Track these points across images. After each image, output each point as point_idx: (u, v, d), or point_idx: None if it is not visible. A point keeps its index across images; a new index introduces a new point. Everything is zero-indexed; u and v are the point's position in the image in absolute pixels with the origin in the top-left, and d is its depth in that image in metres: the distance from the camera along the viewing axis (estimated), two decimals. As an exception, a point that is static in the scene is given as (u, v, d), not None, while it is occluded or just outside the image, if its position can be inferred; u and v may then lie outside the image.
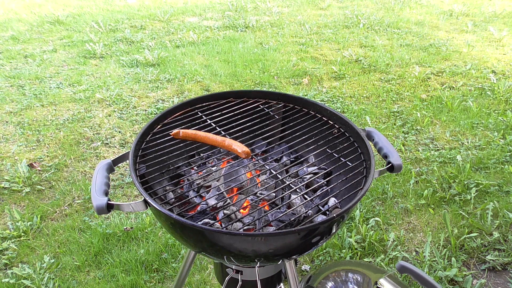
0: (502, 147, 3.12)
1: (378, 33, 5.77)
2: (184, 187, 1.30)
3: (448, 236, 2.35)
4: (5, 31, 5.91)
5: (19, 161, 3.01)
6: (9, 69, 4.63)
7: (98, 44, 5.26)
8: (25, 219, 2.49)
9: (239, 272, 1.30)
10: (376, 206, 2.62)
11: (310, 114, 1.42)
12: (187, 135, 1.26)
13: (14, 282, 2.10)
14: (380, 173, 1.17)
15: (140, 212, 2.57)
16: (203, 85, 4.24)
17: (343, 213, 0.98)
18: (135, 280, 2.12)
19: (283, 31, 5.93)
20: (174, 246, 2.31)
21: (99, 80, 4.35)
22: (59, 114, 3.70)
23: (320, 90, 4.13)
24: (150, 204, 0.98)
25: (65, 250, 2.31)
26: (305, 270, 2.19)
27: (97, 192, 1.01)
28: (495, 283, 2.11)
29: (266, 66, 4.66)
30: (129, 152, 1.17)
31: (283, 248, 1.00)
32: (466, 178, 2.77)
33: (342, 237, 2.33)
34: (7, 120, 3.58)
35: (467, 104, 3.76)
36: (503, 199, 2.60)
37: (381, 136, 1.25)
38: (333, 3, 7.37)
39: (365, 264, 1.65)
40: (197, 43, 5.47)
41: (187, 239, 1.05)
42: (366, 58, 4.85)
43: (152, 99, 3.96)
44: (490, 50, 5.08)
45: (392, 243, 2.32)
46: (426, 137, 3.33)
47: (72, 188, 2.78)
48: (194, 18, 6.67)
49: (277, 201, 1.23)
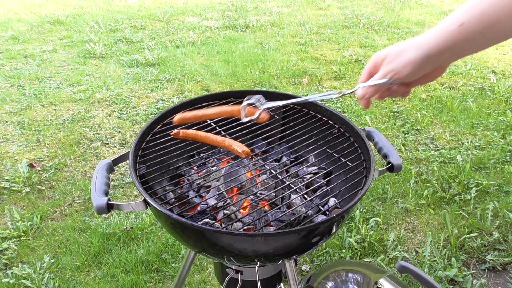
0: (502, 147, 3.12)
1: (378, 33, 5.77)
2: (184, 187, 1.30)
3: (448, 236, 2.35)
4: (5, 31, 5.91)
5: (19, 161, 3.01)
6: (9, 69, 4.63)
7: (98, 44, 5.26)
8: (25, 219, 2.49)
9: (239, 272, 1.30)
10: (376, 206, 2.62)
11: (310, 114, 1.42)
12: (187, 135, 1.26)
13: (14, 282, 2.10)
14: (380, 173, 1.17)
15: (140, 212, 2.57)
16: (203, 85, 4.24)
17: (343, 213, 0.98)
18: (135, 280, 2.12)
19: (283, 31, 5.93)
20: (174, 246, 2.31)
21: (99, 80, 4.35)
22: (59, 114, 3.70)
23: (320, 90, 4.13)
24: (150, 204, 0.98)
25: (65, 250, 2.31)
26: (305, 270, 2.19)
27: (97, 192, 1.01)
28: (495, 283, 2.11)
29: (266, 66, 4.66)
30: (129, 152, 1.17)
31: (283, 248, 1.00)
32: (466, 178, 2.77)
33: (342, 237, 2.33)
34: (7, 120, 3.58)
35: (467, 104, 3.76)
36: (503, 199, 2.60)
37: (381, 136, 1.25)
38: (333, 3, 7.37)
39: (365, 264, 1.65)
40: (197, 43, 5.47)
41: (187, 239, 1.05)
42: (366, 58, 4.85)
43: (152, 99, 3.96)
44: (490, 50, 5.08)
45: (392, 243, 2.32)
46: (426, 137, 3.33)
47: (72, 188, 2.78)
48: (194, 18, 6.67)
49: (277, 201, 1.23)
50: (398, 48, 0.75)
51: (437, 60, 0.72)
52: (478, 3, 0.65)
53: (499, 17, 0.63)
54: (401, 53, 0.74)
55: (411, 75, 0.75)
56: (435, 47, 0.70)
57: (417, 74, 0.75)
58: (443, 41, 0.69)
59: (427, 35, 0.72)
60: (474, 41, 0.67)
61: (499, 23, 0.64)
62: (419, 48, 0.72)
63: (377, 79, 0.79)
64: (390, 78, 0.76)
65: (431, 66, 0.74)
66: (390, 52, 0.77)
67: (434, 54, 0.71)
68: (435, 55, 0.71)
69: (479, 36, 0.66)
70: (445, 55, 0.71)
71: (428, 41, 0.71)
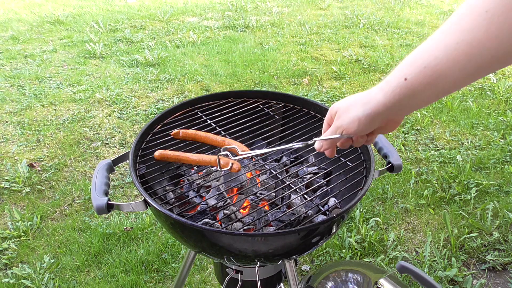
0: (502, 147, 3.12)
1: (378, 33, 5.77)
2: (184, 187, 1.30)
3: (448, 236, 2.35)
4: (5, 31, 5.91)
5: (19, 161, 3.01)
6: (9, 69, 4.63)
7: (98, 44, 5.26)
8: (25, 219, 2.49)
9: (239, 272, 1.30)
10: (376, 206, 2.62)
11: (310, 114, 1.42)
12: (187, 135, 1.26)
13: (14, 282, 2.10)
14: (380, 173, 1.17)
15: (140, 212, 2.57)
16: (203, 85, 4.24)
17: (343, 213, 0.99)
18: (135, 280, 2.12)
19: (283, 31, 5.93)
20: (174, 246, 2.31)
21: (99, 80, 4.35)
22: (59, 114, 3.70)
23: (320, 90, 4.13)
24: (150, 204, 0.98)
25: (65, 250, 2.31)
26: (305, 270, 2.19)
27: (97, 192, 1.01)
28: (495, 283, 2.11)
29: (266, 66, 4.66)
30: (129, 152, 1.17)
31: (283, 248, 1.00)
32: (466, 178, 2.77)
33: (342, 237, 2.33)
34: (7, 120, 3.58)
35: (467, 104, 3.76)
36: (503, 199, 2.60)
37: (381, 136, 1.25)
38: (333, 3, 7.37)
39: (365, 264, 1.65)
40: (197, 43, 5.47)
41: (187, 239, 1.05)
42: (366, 58, 4.85)
43: (152, 99, 3.96)
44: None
45: (392, 243, 2.32)
46: (426, 137, 3.33)
47: (72, 188, 2.78)
48: (194, 18, 6.67)
49: (277, 201, 1.23)
50: (347, 103, 0.74)
51: (384, 115, 0.69)
52: (421, 54, 0.61)
53: (442, 71, 0.59)
54: (349, 109, 0.73)
55: (359, 131, 0.73)
56: (380, 103, 0.67)
57: (365, 130, 0.73)
58: (389, 97, 0.66)
59: (375, 89, 0.69)
60: (420, 95, 0.63)
61: (442, 76, 0.59)
62: (366, 104, 0.70)
63: (328, 134, 0.80)
64: (340, 133, 0.76)
65: (379, 122, 0.72)
66: (340, 107, 0.75)
67: (380, 110, 0.68)
68: (382, 111, 0.68)
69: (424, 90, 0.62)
70: (392, 110, 0.68)
71: (375, 96, 0.68)
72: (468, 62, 0.56)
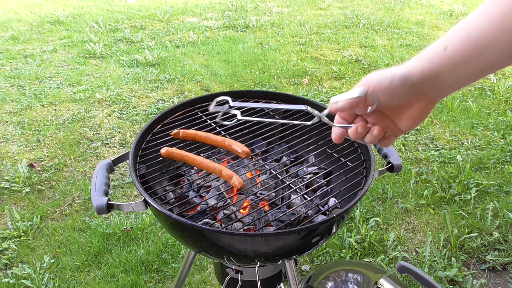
0: (502, 147, 3.12)
1: (378, 33, 5.77)
2: (184, 187, 1.30)
3: (448, 236, 2.35)
4: (5, 31, 5.91)
5: (19, 161, 3.01)
6: (9, 69, 4.63)
7: (98, 44, 5.26)
8: (25, 219, 2.49)
9: (239, 272, 1.30)
10: (376, 206, 2.62)
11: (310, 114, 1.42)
12: (187, 135, 1.26)
13: (14, 282, 2.10)
14: (380, 173, 1.17)
15: (140, 212, 2.57)
16: (203, 85, 4.24)
17: (343, 213, 0.98)
18: (135, 280, 2.12)
19: (283, 31, 5.93)
20: (174, 246, 2.31)
21: (99, 80, 4.35)
22: (59, 114, 3.70)
23: (320, 90, 4.13)
24: (150, 204, 0.98)
25: (65, 250, 2.31)
26: (305, 270, 2.19)
27: (97, 192, 1.01)
28: (495, 283, 2.11)
29: (266, 66, 4.66)
30: (129, 152, 1.17)
31: (283, 248, 1.00)
32: (466, 178, 2.77)
33: (342, 237, 2.33)
34: (7, 120, 3.58)
35: (467, 104, 3.76)
36: (503, 199, 2.60)
37: (381, 136, 1.24)
38: (333, 3, 7.37)
39: (365, 264, 1.65)
40: (197, 43, 5.47)
41: (187, 239, 1.05)
42: (366, 58, 4.85)
43: (152, 99, 3.96)
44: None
45: (392, 243, 2.32)
46: (426, 137, 3.33)
47: (72, 188, 2.78)
48: (194, 18, 6.67)
49: (277, 201, 1.23)
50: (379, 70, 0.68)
51: (418, 85, 0.63)
52: (465, 25, 0.57)
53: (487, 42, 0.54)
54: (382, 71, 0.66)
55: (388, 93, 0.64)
56: (417, 68, 0.62)
57: (396, 95, 0.64)
58: (426, 64, 0.61)
59: (412, 59, 0.65)
60: (461, 69, 0.58)
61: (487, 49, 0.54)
62: (401, 67, 0.64)
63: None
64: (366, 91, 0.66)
65: (412, 91, 0.64)
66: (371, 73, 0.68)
67: (415, 76, 0.62)
68: (417, 78, 0.62)
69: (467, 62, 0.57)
70: (428, 82, 0.62)
71: (411, 62, 0.64)
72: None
